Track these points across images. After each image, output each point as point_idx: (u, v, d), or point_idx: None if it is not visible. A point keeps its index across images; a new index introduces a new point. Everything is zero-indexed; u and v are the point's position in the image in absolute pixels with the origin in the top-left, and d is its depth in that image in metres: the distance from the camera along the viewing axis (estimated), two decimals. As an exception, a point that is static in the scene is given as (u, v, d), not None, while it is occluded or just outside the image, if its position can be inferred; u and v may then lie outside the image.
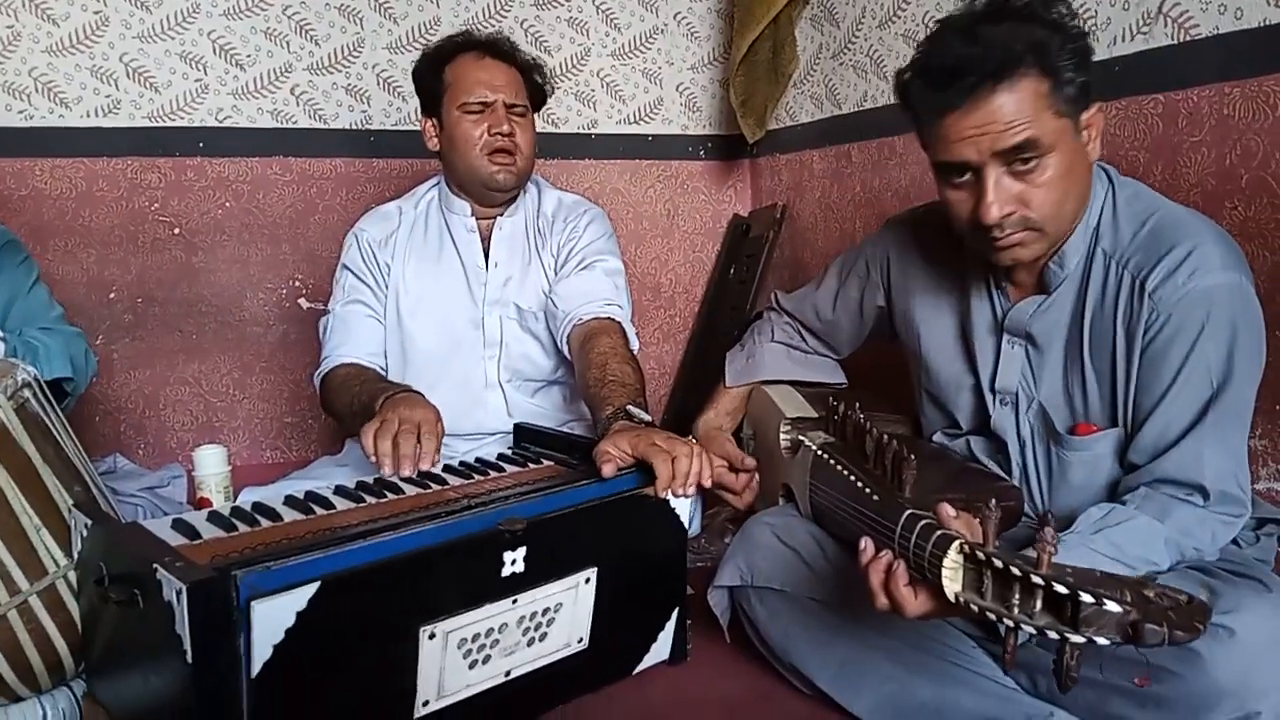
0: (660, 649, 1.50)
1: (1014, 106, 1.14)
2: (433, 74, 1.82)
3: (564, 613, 1.33)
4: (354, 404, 1.66)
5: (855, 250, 1.62)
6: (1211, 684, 1.05)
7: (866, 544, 1.10)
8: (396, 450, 1.40)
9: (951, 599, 0.98)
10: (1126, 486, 1.22)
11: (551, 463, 1.53)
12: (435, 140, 1.85)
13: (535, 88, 1.88)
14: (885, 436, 1.28)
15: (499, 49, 1.83)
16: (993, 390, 1.38)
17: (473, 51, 1.82)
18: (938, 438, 1.51)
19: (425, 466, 1.43)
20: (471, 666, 1.25)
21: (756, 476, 1.58)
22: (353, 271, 1.88)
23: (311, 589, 1.06)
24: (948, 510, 1.04)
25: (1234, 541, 1.26)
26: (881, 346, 1.67)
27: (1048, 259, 1.29)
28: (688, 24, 2.94)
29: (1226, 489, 1.17)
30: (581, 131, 2.87)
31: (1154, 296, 1.19)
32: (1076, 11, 1.22)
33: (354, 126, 2.65)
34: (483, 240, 1.88)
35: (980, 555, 0.95)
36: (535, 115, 1.89)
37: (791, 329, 1.72)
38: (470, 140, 1.78)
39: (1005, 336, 1.35)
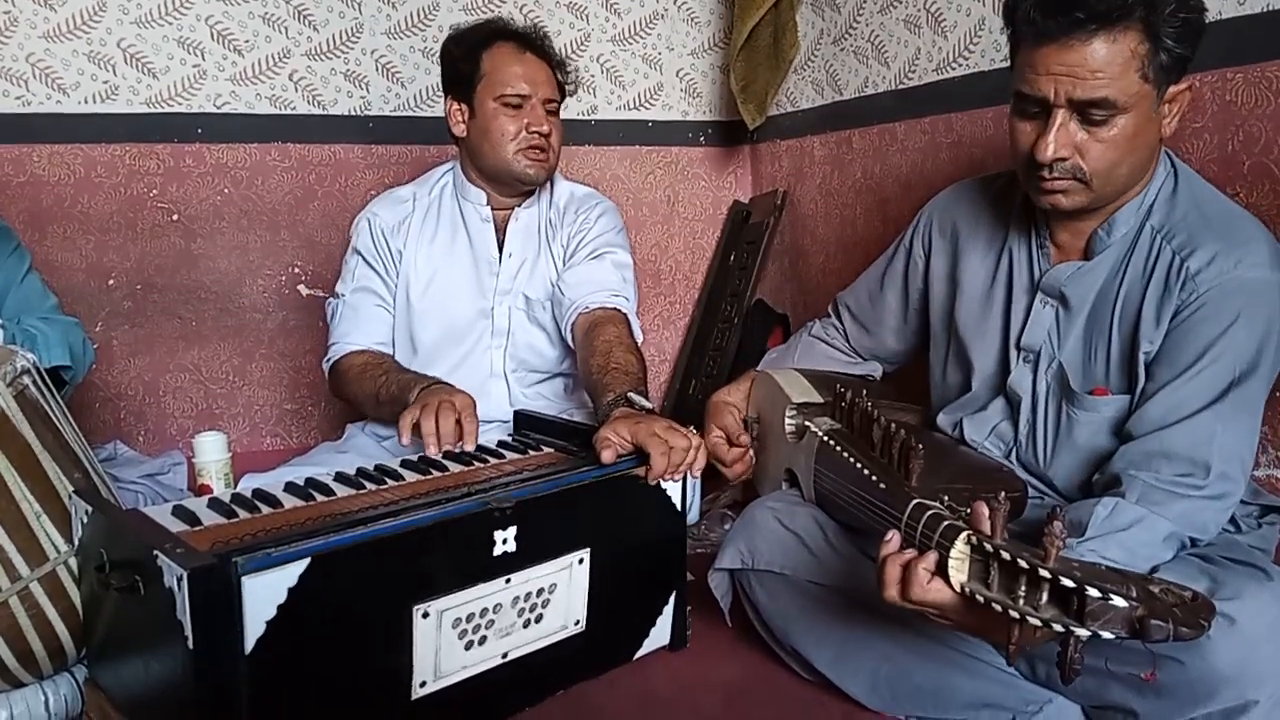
0: (660, 634, 1.50)
1: (1105, 58, 1.14)
2: (467, 58, 1.79)
3: (559, 594, 1.34)
4: (381, 393, 1.68)
5: (903, 231, 1.63)
6: (1211, 671, 1.06)
7: (893, 536, 1.09)
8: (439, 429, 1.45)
9: (957, 589, 0.99)
10: (1126, 459, 1.21)
11: (551, 449, 1.53)
12: (463, 126, 1.81)
13: (562, 84, 1.86)
14: (893, 426, 1.28)
15: (536, 43, 1.81)
16: (1018, 347, 1.39)
17: (512, 42, 1.79)
18: (942, 417, 1.51)
19: (468, 447, 1.46)
20: (468, 648, 1.26)
21: (751, 454, 1.62)
22: (364, 257, 1.87)
23: (302, 565, 1.07)
24: (982, 509, 1.03)
25: (1235, 529, 1.27)
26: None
27: (1097, 226, 1.30)
28: (688, 9, 2.93)
29: (1228, 470, 1.17)
30: (581, 118, 2.85)
31: (1196, 278, 1.20)
32: None
33: (353, 112, 2.64)
34: (497, 230, 1.88)
35: (988, 547, 0.95)
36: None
37: (835, 330, 1.73)
38: (506, 135, 1.76)
39: (1039, 295, 1.37)
